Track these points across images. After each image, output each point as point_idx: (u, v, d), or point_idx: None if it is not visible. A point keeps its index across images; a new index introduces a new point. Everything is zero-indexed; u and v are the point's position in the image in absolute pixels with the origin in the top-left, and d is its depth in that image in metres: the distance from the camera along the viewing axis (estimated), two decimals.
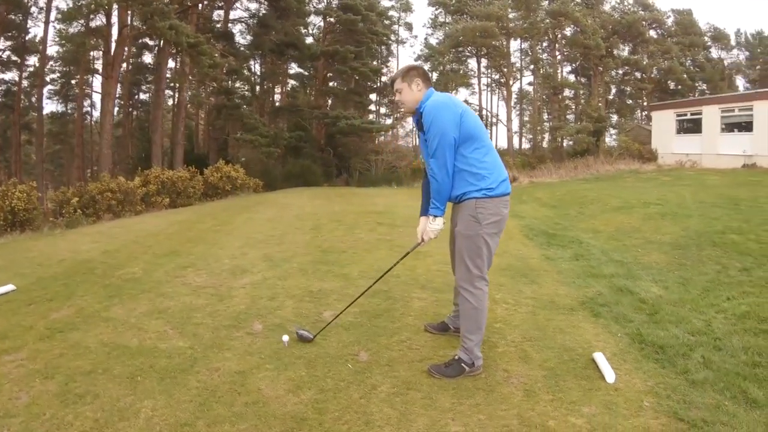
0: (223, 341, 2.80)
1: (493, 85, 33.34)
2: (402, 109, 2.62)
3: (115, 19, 18.95)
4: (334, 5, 25.57)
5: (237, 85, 25.23)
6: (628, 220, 7.11)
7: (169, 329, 2.95)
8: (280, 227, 6.58)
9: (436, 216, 2.53)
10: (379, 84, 28.78)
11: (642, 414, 2.14)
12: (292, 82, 29.35)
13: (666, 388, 2.36)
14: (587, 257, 5.08)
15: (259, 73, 27.95)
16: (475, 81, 32.34)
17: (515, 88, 31.92)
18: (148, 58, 26.56)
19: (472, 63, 31.67)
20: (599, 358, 2.66)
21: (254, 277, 4.13)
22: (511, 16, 26.83)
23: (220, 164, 14.71)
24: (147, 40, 23.97)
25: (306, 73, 27.81)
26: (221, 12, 25.48)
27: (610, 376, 2.47)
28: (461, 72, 30.25)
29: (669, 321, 3.30)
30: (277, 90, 29.64)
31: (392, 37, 31.84)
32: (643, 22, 27.51)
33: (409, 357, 2.68)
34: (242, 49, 25.13)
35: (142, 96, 28.34)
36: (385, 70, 28.88)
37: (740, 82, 33.73)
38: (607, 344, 2.91)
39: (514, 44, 30.71)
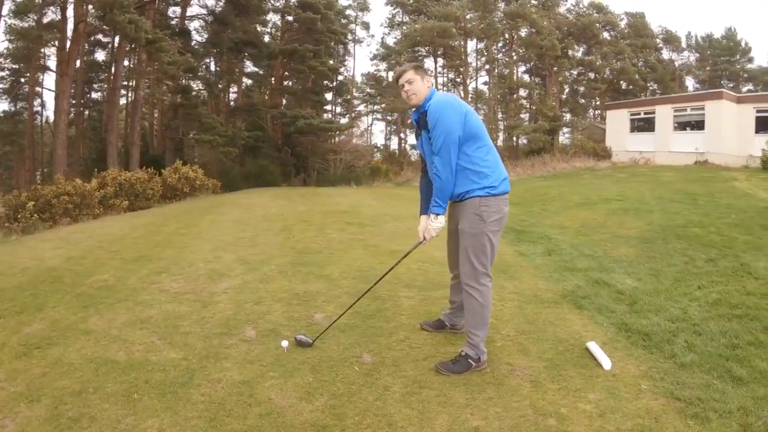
0: (218, 350, 2.76)
1: (450, 84, 34.21)
2: (411, 101, 2.66)
3: (70, 13, 18.32)
4: (292, 3, 25.65)
5: (193, 83, 24.98)
6: (592, 216, 7.55)
7: (157, 340, 2.87)
8: (248, 229, 6.59)
9: (438, 214, 2.62)
10: (335, 83, 28.96)
11: (642, 396, 2.33)
12: (246, 80, 29.19)
13: (659, 372, 2.58)
14: (559, 252, 5.37)
15: (213, 71, 27.70)
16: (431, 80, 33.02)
17: (471, 87, 32.96)
18: (101, 55, 26.04)
19: (428, 62, 32.51)
20: (593, 347, 2.85)
21: (234, 281, 4.10)
22: (468, 16, 27.63)
23: (179, 165, 14.56)
24: (101, 36, 23.39)
25: (261, 72, 27.76)
26: (177, 9, 25.17)
27: (606, 363, 2.66)
28: None
29: (648, 310, 3.57)
30: (232, 89, 29.32)
31: (349, 36, 32.16)
32: (598, 24, 29.17)
33: (412, 356, 2.76)
34: (196, 47, 24.89)
35: (95, 95, 27.53)
36: (342, 69, 29.13)
37: (690, 83, 36.60)
38: (596, 334, 3.12)
39: (471, 44, 31.78)
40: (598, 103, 34.19)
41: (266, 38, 26.35)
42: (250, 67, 27.97)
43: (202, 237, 6.05)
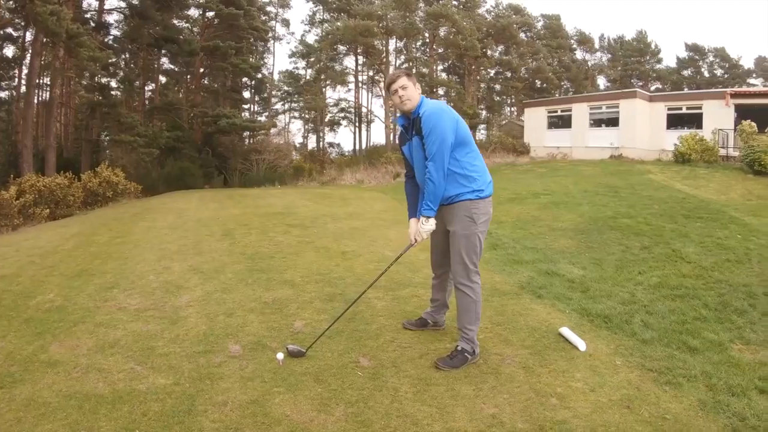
0: (209, 370, 2.71)
1: (369, 83, 35.06)
2: (405, 107, 2.81)
3: None
4: None
5: (112, 81, 23.65)
6: (525, 210, 8.20)
7: (135, 365, 2.74)
8: (189, 235, 6.43)
9: (429, 217, 2.82)
10: (254, 81, 28.54)
11: (620, 371, 2.72)
12: (163, 78, 27.91)
13: (626, 349, 3.02)
14: (503, 246, 5.82)
15: (130, 68, 26.19)
16: (351, 78, 33.82)
17: None
18: (9, 51, 23.70)
19: (348, 61, 33.14)
20: (566, 331, 3.23)
21: (194, 292, 4.01)
22: (390, 15, 28.44)
23: (100, 168, 13.86)
24: (11, 30, 21.25)
25: (177, 69, 26.63)
26: (94, 1, 23.57)
27: (582, 345, 3.05)
28: (339, 69, 31.40)
29: (601, 296, 4.08)
30: (148, 87, 27.78)
31: (269, 33, 31.81)
32: (515, 26, 31.40)
33: (407, 356, 2.93)
34: (111, 42, 23.50)
35: (1, 94, 24.73)
36: (262, 67, 28.82)
37: (601, 81, 40.77)
38: (562, 320, 3.52)
39: (391, 43, 32.74)
40: (513, 100, 36.72)
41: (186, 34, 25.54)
42: (165, 64, 27.06)
43: (142, 246, 5.81)
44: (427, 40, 32.55)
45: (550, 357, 2.91)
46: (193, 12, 26.78)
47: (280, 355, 2.83)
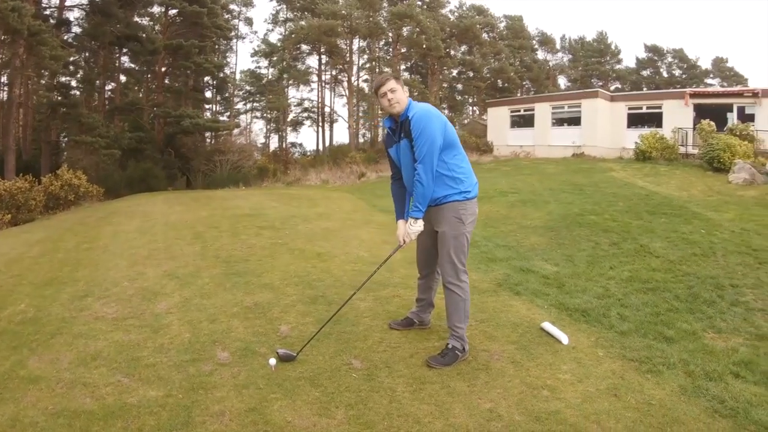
0: (201, 379, 2.67)
1: (333, 82, 35.14)
2: (394, 109, 2.86)
3: None
4: None
5: (72, 81, 22.81)
6: (494, 209, 8.43)
7: (122, 378, 2.67)
8: (158, 239, 6.30)
9: (417, 218, 2.89)
10: (216, 80, 28.10)
11: (603, 362, 2.88)
12: (123, 77, 27.18)
13: (606, 341, 3.19)
14: (476, 245, 5.95)
15: (90, 67, 25.28)
16: (314, 78, 33.81)
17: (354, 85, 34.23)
18: None
19: (311, 60, 33.14)
20: (548, 326, 3.38)
21: (172, 299, 3.94)
22: (355, 15, 28.57)
23: (62, 171, 13.50)
24: None
25: (137, 68, 26.01)
26: None
27: (564, 339, 3.20)
28: (302, 69, 31.36)
29: (576, 291, 4.28)
30: (108, 87, 26.87)
31: (232, 32, 31.44)
32: (478, 26, 32.02)
33: (398, 356, 2.99)
34: (70, 40, 22.49)
35: None
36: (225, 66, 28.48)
37: (562, 81, 42.14)
38: (542, 315, 3.68)
39: (355, 42, 32.90)
40: (475, 99, 37.49)
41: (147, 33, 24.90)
42: (125, 62, 26.32)
43: (111, 251, 5.65)
44: (390, 40, 32.87)
45: (535, 351, 3.04)
46: (156, 9, 26.17)
47: (272, 361, 2.83)
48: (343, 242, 6.10)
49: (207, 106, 30.81)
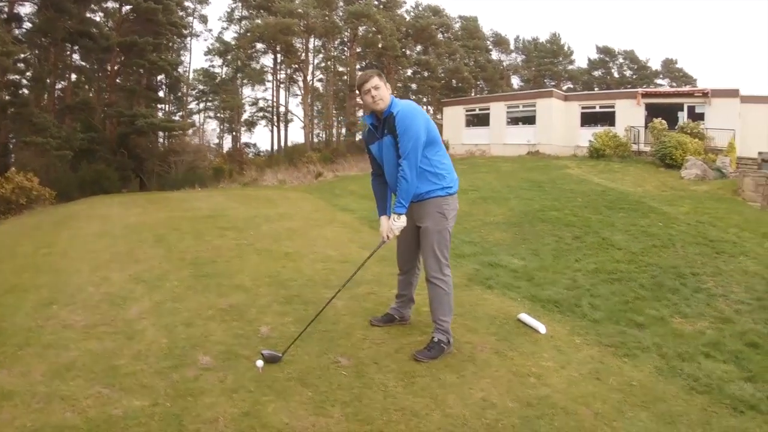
0: (186, 386, 2.58)
1: (288, 81, 34.81)
2: (378, 106, 2.87)
3: None
4: None
5: (22, 79, 21.59)
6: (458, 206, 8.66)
7: (102, 388, 2.53)
8: (119, 243, 6.06)
9: (400, 214, 2.94)
10: (169, 79, 27.21)
11: (581, 348, 3.04)
12: (74, 75, 25.93)
13: (582, 329, 3.36)
14: None
15: (40, 65, 23.94)
16: (269, 77, 33.44)
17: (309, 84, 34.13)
18: None
19: (266, 59, 32.74)
20: (525, 317, 3.53)
21: (142, 304, 3.80)
22: (312, 13, 28.44)
23: (11, 173, 13.01)
24: None
25: (88, 66, 24.88)
26: None
27: (542, 328, 3.35)
28: (257, 68, 30.94)
29: (545, 283, 4.47)
30: (58, 85, 25.39)
31: (187, 30, 30.48)
32: (434, 26, 32.52)
33: (384, 351, 3.02)
34: (21, 37, 21.21)
35: None
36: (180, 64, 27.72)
37: (515, 81, 43.35)
38: (517, 307, 3.83)
39: (310, 41, 32.71)
40: (430, 99, 38.09)
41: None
42: (77, 60, 25.13)
43: (72, 256, 5.40)
44: (345, 39, 32.91)
45: (516, 341, 3.16)
46: (110, 5, 25.15)
47: (259, 363, 2.78)
48: (309, 242, 6.07)
49: (159, 106, 29.79)
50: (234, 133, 36.14)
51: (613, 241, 5.62)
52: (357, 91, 3.00)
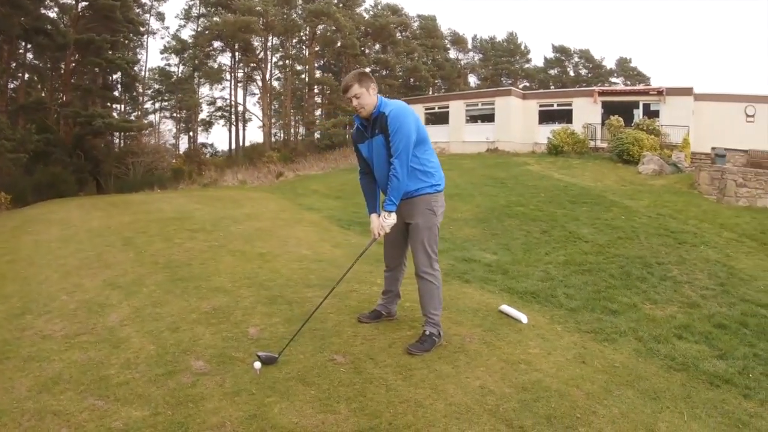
0: (185, 392, 2.54)
1: (246, 80, 34.27)
2: (362, 114, 2.95)
3: None
4: None
5: None
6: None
7: (96, 401, 2.44)
8: (85, 248, 5.86)
9: (391, 211, 3.02)
10: (125, 78, 26.26)
11: (563, 336, 3.23)
12: (27, 74, 24.48)
13: (560, 317, 3.56)
14: None
15: None
16: (227, 76, 32.81)
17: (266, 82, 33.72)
18: None
19: (224, 58, 32.12)
20: (506, 308, 3.69)
21: (121, 310, 3.70)
22: (271, 11, 28.09)
23: None
24: None
25: (41, 65, 23.57)
26: None
27: (524, 318, 3.52)
28: (215, 66, 30.32)
29: (520, 276, 4.67)
30: (11, 85, 23.92)
31: (143, 27, 29.40)
32: (393, 25, 32.76)
33: (377, 347, 3.09)
34: None
35: None
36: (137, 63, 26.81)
37: (472, 80, 44.06)
38: (496, 299, 4.00)
39: (269, 40, 32.24)
40: (388, 97, 38.39)
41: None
42: (29, 58, 23.87)
43: (38, 263, 5.18)
44: (304, 38, 32.66)
45: (501, 332, 3.31)
46: (66, 0, 23.73)
47: (257, 364, 2.76)
48: (281, 242, 6.06)
49: (114, 106, 28.68)
50: (191, 133, 35.21)
51: (580, 234, 5.92)
52: (342, 94, 3.06)
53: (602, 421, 2.24)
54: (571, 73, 44.14)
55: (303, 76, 34.47)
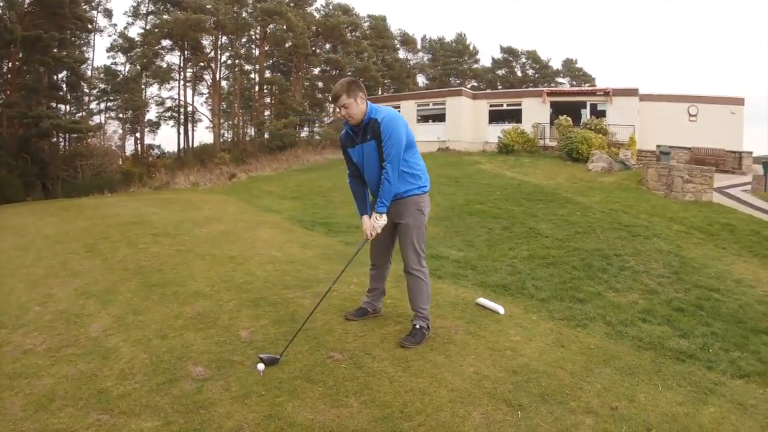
0: (192, 399, 2.54)
1: (194, 80, 33.23)
2: (351, 122, 3.06)
3: None
4: None
5: None
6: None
7: (99, 415, 2.39)
8: (47, 256, 5.62)
9: (382, 213, 3.17)
10: (71, 78, 24.79)
11: (541, 323, 3.50)
12: None
13: (533, 308, 3.84)
14: None
15: None
16: (175, 75, 31.67)
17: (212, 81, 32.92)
18: None
19: (172, 57, 30.99)
20: (483, 301, 3.93)
21: (103, 320, 3.59)
22: (222, 10, 27.42)
23: None
24: None
25: None
26: None
27: (501, 310, 3.76)
28: (163, 65, 29.27)
29: (489, 271, 4.95)
30: None
31: (91, 25, 27.76)
32: (344, 25, 32.75)
33: (371, 343, 3.22)
34: None
35: None
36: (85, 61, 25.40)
37: (421, 80, 44.61)
38: (471, 293, 4.23)
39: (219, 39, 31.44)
40: None
41: None
42: None
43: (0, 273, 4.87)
44: (254, 37, 32.04)
45: (482, 323, 3.54)
46: None
47: (260, 366, 2.80)
48: (248, 244, 6.05)
49: (59, 106, 26.90)
50: (137, 135, 33.68)
51: (540, 230, 6.31)
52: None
53: (588, 395, 2.51)
54: (519, 74, 45.61)
55: (252, 75, 33.86)
